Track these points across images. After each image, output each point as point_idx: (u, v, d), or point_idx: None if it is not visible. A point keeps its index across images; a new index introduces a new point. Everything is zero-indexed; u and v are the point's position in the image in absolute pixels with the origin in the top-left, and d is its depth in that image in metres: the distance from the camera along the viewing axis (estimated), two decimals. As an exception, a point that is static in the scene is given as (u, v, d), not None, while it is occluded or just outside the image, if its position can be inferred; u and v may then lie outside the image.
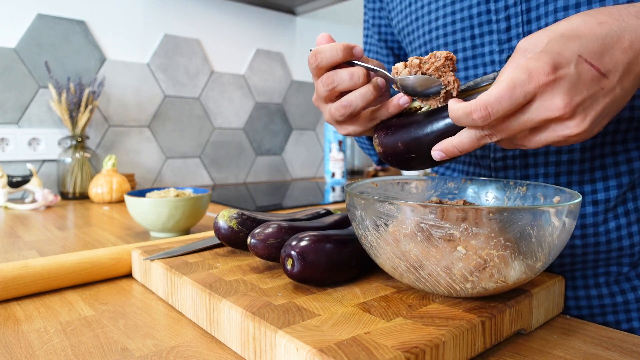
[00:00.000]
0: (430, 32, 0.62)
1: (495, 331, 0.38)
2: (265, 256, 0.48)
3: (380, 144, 0.49)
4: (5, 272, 0.50)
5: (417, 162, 0.47)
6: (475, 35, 0.58)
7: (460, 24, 0.59)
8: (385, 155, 0.48)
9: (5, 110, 1.26)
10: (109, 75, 1.42)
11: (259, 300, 0.40)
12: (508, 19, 0.54)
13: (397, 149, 0.47)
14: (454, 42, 0.60)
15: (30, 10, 1.28)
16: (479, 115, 0.36)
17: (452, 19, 0.59)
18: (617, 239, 0.55)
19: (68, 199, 1.26)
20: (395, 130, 0.47)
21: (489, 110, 0.36)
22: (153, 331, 0.43)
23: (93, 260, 0.56)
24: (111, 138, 1.45)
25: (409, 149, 0.46)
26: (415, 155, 0.46)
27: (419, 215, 0.36)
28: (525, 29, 0.54)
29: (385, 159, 0.49)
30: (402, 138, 0.47)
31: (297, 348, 0.32)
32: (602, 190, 0.55)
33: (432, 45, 0.62)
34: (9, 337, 0.42)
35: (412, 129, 0.46)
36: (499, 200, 0.52)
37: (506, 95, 0.35)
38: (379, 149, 0.49)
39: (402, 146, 0.46)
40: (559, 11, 0.50)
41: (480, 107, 0.36)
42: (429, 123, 0.45)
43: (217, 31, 1.67)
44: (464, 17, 0.58)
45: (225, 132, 1.72)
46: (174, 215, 0.77)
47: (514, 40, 0.55)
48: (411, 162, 0.47)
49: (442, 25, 0.61)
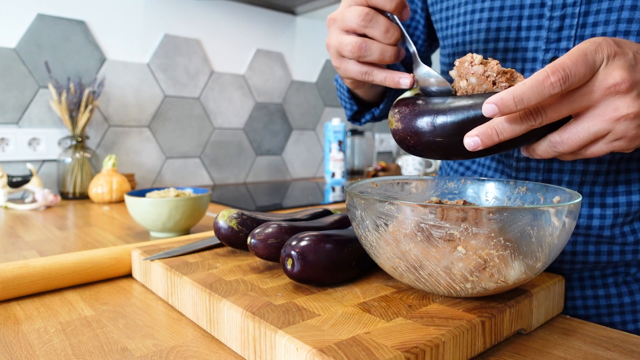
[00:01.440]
0: (473, 13, 0.58)
1: (495, 331, 0.38)
2: (265, 256, 0.48)
3: (401, 120, 0.43)
4: (6, 272, 0.50)
5: (442, 149, 0.41)
6: (522, 27, 0.54)
7: (510, 12, 0.55)
8: (405, 133, 0.43)
9: (5, 110, 1.26)
10: (109, 75, 1.42)
11: (259, 300, 0.40)
12: (563, 18, 0.51)
13: (422, 130, 0.41)
14: (497, 30, 0.56)
15: (30, 10, 1.28)
16: (558, 77, 0.34)
17: (500, 4, 0.56)
18: (633, 251, 0.55)
19: (68, 199, 1.26)
20: (423, 108, 0.42)
21: (567, 71, 0.34)
22: (153, 331, 0.43)
23: (93, 260, 0.56)
24: (111, 138, 1.45)
25: (435, 131, 0.40)
26: (442, 140, 0.40)
27: (419, 215, 0.36)
28: (578, 32, 0.51)
29: (403, 139, 0.44)
30: (431, 119, 0.41)
31: (297, 348, 0.32)
32: (625, 205, 0.54)
33: (473, 27, 0.59)
34: (9, 337, 0.42)
35: (447, 109, 0.40)
36: (499, 200, 0.52)
37: (581, 59, 0.34)
38: (398, 125, 0.43)
39: (428, 127, 0.41)
40: (621, 22, 0.48)
41: (558, 68, 0.34)
42: (469, 105, 0.40)
43: (217, 31, 1.67)
44: (515, 5, 0.54)
45: (225, 132, 1.72)
46: (174, 215, 0.77)
47: (563, 42, 0.52)
48: (435, 147, 0.41)
49: (488, 8, 0.57)
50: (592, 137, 0.37)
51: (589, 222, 0.55)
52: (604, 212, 0.54)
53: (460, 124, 0.39)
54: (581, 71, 0.34)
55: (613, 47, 0.35)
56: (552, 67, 0.34)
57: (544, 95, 0.35)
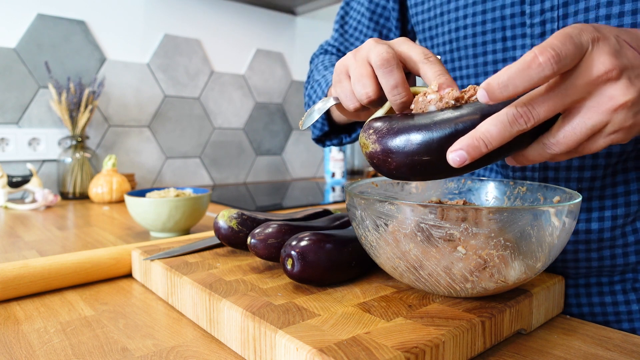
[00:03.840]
0: (457, 30, 0.59)
1: (495, 331, 0.38)
2: (265, 256, 0.48)
3: (378, 140, 0.37)
4: (6, 272, 0.50)
5: (428, 168, 0.36)
6: (507, 37, 0.55)
7: (492, 24, 0.56)
8: (385, 155, 0.37)
9: (5, 110, 1.26)
10: (109, 75, 1.42)
11: (259, 300, 0.40)
12: (543, 23, 0.52)
13: (404, 149, 0.36)
14: (483, 43, 0.57)
15: (30, 10, 1.28)
16: (548, 57, 0.31)
17: (482, 18, 0.56)
18: (636, 252, 0.55)
19: (68, 199, 1.26)
20: (404, 125, 0.37)
21: (557, 50, 0.31)
22: (153, 331, 0.43)
23: (93, 260, 0.56)
24: (111, 138, 1.45)
25: (420, 149, 0.35)
26: (428, 159, 0.35)
27: (419, 215, 0.36)
28: None
29: (383, 161, 0.38)
30: (416, 135, 0.36)
31: (297, 348, 0.32)
32: (623, 205, 0.54)
33: (459, 44, 0.59)
34: (9, 337, 0.42)
35: (432, 123, 0.36)
36: (499, 200, 0.52)
37: (568, 39, 0.32)
38: (375, 147, 0.37)
39: (412, 145, 0.36)
40: (600, 19, 0.48)
41: (547, 47, 0.31)
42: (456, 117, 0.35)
43: (217, 31, 1.67)
44: (496, 17, 0.55)
45: (225, 132, 1.72)
46: (174, 215, 0.77)
47: None
48: (420, 167, 0.36)
49: (471, 25, 0.57)
50: (590, 132, 0.34)
51: (588, 226, 0.54)
52: (602, 214, 0.54)
53: (448, 137, 0.35)
54: (571, 50, 0.31)
55: (594, 32, 0.33)
56: (540, 47, 0.31)
57: (532, 79, 0.31)
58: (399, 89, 0.41)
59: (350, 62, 0.45)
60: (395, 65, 0.41)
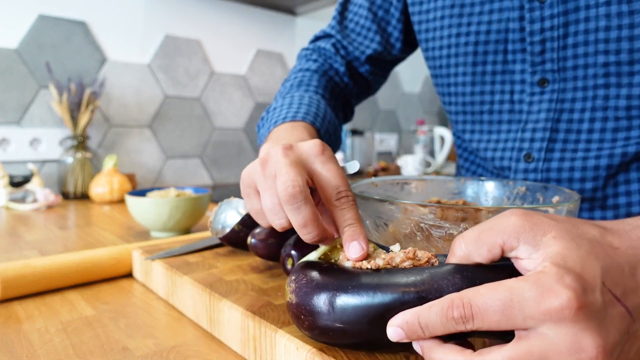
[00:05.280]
0: (458, 36, 0.59)
1: (494, 331, 0.38)
2: (266, 256, 0.48)
3: (295, 291, 0.32)
4: (7, 272, 0.50)
5: (346, 336, 0.30)
6: (508, 50, 0.56)
7: (496, 35, 0.56)
8: (299, 311, 0.31)
9: (6, 110, 1.26)
10: (109, 76, 1.43)
11: (259, 300, 0.40)
12: (543, 42, 0.53)
13: (318, 310, 0.30)
14: (484, 53, 0.58)
15: (31, 11, 1.28)
16: (459, 314, 0.25)
17: (487, 27, 0.57)
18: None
19: (69, 199, 1.27)
20: (323, 281, 0.31)
21: (473, 311, 0.25)
22: (154, 331, 0.43)
23: (94, 259, 0.56)
24: (112, 138, 1.45)
25: (334, 315, 0.29)
26: (342, 327, 0.29)
27: (419, 215, 0.36)
28: (560, 54, 0.52)
29: (297, 317, 0.32)
30: (330, 297, 0.30)
31: (298, 347, 0.32)
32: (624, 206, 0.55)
33: (459, 51, 0.59)
34: (11, 337, 0.42)
35: (350, 287, 0.30)
36: (498, 201, 0.52)
37: (499, 306, 0.24)
38: (292, 299, 0.32)
39: (326, 308, 0.30)
40: (599, 42, 0.49)
41: (463, 302, 0.25)
42: (376, 284, 0.29)
43: (218, 32, 1.67)
44: (500, 29, 0.56)
45: (225, 132, 1.72)
46: (175, 215, 0.77)
47: (547, 64, 0.54)
48: (334, 334, 0.30)
49: (474, 32, 0.58)
50: None
51: None
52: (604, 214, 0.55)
53: (364, 308, 0.29)
54: (493, 320, 0.24)
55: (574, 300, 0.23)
56: (458, 298, 0.25)
57: (449, 328, 0.25)
58: (309, 227, 0.34)
59: (259, 180, 0.38)
60: (303, 202, 0.34)
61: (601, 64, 0.50)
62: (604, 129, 0.53)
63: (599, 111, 0.53)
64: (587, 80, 0.52)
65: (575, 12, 0.51)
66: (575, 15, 0.51)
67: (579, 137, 0.55)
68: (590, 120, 0.54)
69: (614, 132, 0.53)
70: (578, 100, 0.54)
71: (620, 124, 0.52)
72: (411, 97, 2.42)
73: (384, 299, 0.28)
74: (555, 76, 0.54)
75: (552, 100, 0.55)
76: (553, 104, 0.55)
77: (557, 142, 0.56)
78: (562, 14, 0.51)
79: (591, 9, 0.49)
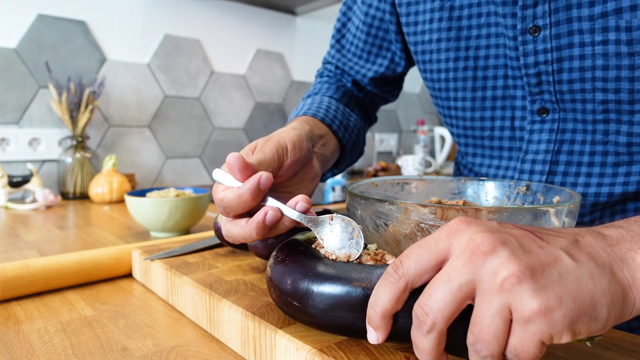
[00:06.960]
0: (456, 61, 0.58)
1: (495, 331, 0.38)
2: (265, 256, 0.48)
3: (272, 266, 0.36)
4: (6, 272, 0.50)
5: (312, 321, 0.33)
6: (508, 75, 0.55)
7: (494, 61, 0.56)
8: (270, 284, 0.35)
9: (5, 110, 1.26)
10: (109, 76, 1.43)
11: (259, 300, 0.40)
12: (538, 75, 0.52)
13: (285, 289, 0.34)
14: (484, 78, 0.57)
15: (30, 10, 1.28)
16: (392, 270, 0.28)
17: (485, 52, 0.56)
18: None
19: (68, 199, 1.27)
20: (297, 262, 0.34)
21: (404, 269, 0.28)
22: (153, 331, 0.43)
23: (93, 260, 0.56)
24: (111, 138, 1.45)
25: (299, 298, 0.33)
26: (302, 308, 0.33)
27: (419, 215, 0.36)
28: (556, 87, 0.52)
29: (269, 289, 0.36)
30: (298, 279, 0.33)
31: (297, 348, 0.32)
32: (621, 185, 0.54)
33: (457, 75, 0.59)
34: (10, 337, 0.42)
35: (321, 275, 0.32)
36: (499, 200, 0.52)
37: (415, 246, 0.28)
38: (268, 272, 0.36)
39: (291, 288, 0.33)
40: (597, 80, 0.48)
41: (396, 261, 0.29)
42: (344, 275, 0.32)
43: (218, 31, 1.67)
44: (499, 55, 0.56)
45: (225, 132, 1.72)
46: (174, 215, 0.77)
47: (545, 94, 0.53)
48: (292, 310, 0.34)
49: (473, 57, 0.57)
50: (498, 320, 0.25)
51: None
52: None
53: (317, 294, 0.32)
54: (415, 254, 0.28)
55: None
56: (393, 262, 0.29)
57: (394, 291, 0.28)
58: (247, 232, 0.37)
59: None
60: None
61: (600, 101, 0.49)
62: (604, 162, 0.53)
63: (599, 145, 0.52)
64: (586, 115, 0.51)
65: (569, 48, 0.49)
66: (569, 51, 0.49)
67: (579, 169, 0.54)
68: (591, 153, 0.53)
69: (615, 167, 0.52)
70: (579, 132, 0.53)
71: (621, 159, 0.52)
72: (411, 97, 2.42)
73: (334, 289, 0.31)
74: (554, 106, 0.54)
75: (553, 130, 0.55)
76: (554, 134, 0.55)
77: (557, 175, 0.55)
78: (555, 49, 0.50)
79: (587, 47, 0.48)
